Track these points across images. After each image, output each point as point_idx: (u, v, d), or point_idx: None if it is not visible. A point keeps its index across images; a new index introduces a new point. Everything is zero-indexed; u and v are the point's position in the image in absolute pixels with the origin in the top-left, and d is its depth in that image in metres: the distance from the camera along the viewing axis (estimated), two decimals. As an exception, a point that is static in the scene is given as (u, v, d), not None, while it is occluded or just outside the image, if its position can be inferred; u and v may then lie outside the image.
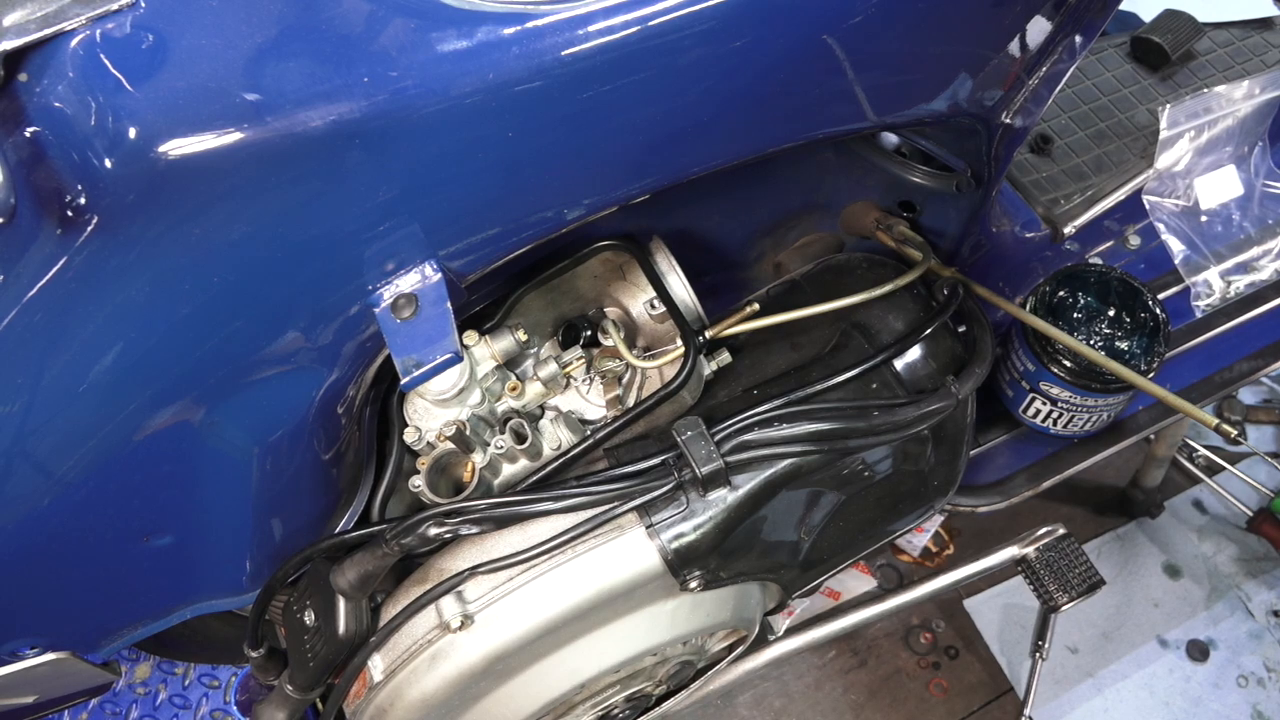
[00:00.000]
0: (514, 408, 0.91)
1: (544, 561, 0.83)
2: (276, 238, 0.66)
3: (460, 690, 0.85)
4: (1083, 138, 1.46)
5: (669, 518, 0.83)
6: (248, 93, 0.59)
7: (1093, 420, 1.28)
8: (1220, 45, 1.55)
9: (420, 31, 0.60)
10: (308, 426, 0.81)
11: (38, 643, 0.91)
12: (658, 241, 0.98)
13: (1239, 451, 2.11)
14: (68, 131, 0.59)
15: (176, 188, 0.61)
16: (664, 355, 0.93)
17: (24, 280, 0.64)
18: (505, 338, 0.88)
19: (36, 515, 0.75)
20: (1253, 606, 1.91)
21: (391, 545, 0.81)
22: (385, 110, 0.60)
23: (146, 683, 1.81)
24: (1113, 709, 1.79)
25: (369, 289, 0.70)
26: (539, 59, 0.61)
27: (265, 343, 0.72)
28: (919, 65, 0.81)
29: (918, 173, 1.08)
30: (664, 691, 1.11)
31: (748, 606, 0.99)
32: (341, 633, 0.85)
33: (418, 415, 0.89)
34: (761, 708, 1.79)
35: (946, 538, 1.98)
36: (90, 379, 0.69)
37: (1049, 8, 0.81)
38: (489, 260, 0.75)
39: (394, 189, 0.65)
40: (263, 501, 0.86)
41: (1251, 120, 1.44)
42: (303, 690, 0.91)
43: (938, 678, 1.83)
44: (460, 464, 0.88)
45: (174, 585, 0.91)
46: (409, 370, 0.70)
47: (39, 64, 0.60)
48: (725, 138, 0.76)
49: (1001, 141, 0.93)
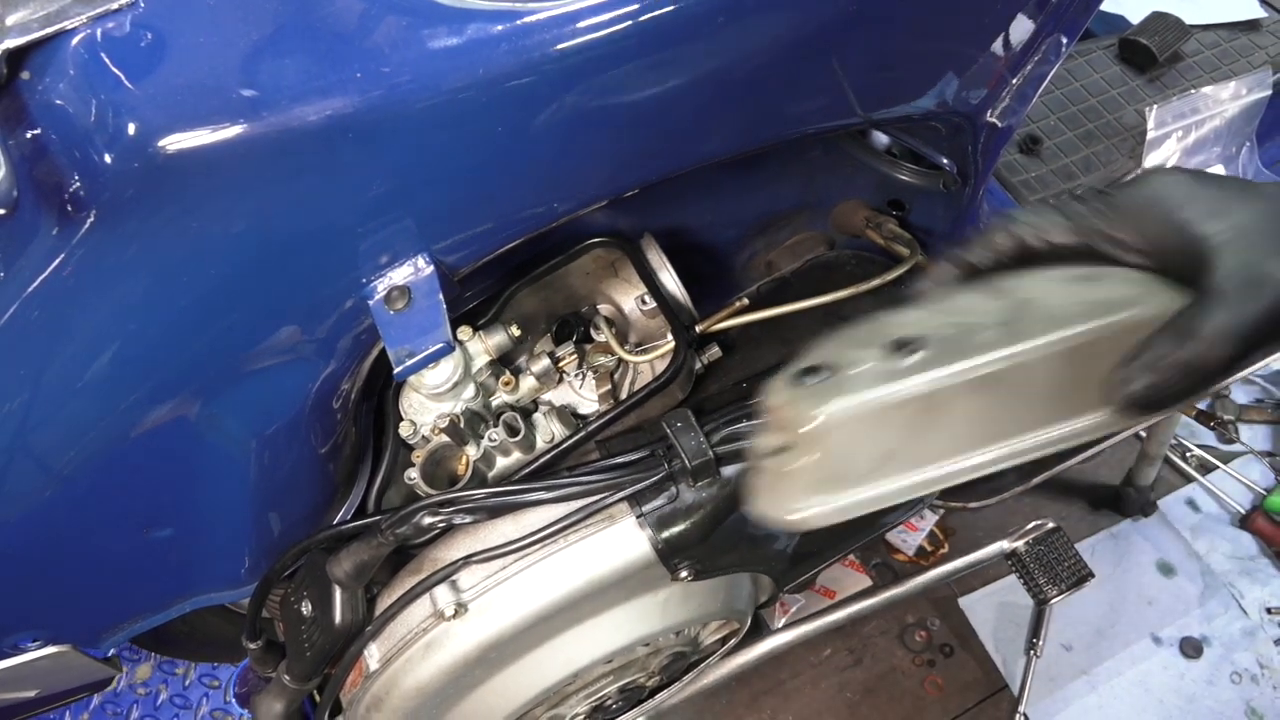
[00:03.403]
0: (507, 402, 0.92)
1: (537, 550, 0.84)
2: (273, 231, 0.67)
3: (455, 678, 0.86)
4: (1071, 138, 1.47)
5: (659, 507, 0.85)
6: (244, 89, 0.61)
7: (1082, 416, 1.30)
8: (1207, 47, 1.57)
9: (412, 29, 0.62)
10: (304, 420, 0.82)
11: (39, 636, 0.92)
12: (649, 239, 0.99)
13: (1232, 450, 2.12)
14: (69, 128, 0.61)
15: (175, 182, 0.62)
16: (655, 350, 0.94)
17: (25, 275, 0.66)
18: (499, 333, 0.89)
19: (37, 509, 0.77)
20: (1246, 604, 1.92)
21: (387, 535, 0.82)
22: (378, 105, 0.62)
23: (147, 683, 1.83)
24: (1107, 706, 1.80)
25: (363, 281, 0.72)
26: (528, 55, 0.63)
27: (262, 335, 0.74)
28: (905, 62, 0.83)
29: (906, 171, 1.10)
30: (657, 683, 1.12)
31: (739, 598, 1.01)
32: (338, 622, 0.86)
33: (413, 409, 0.91)
34: (757, 705, 1.80)
35: (941, 536, 1.99)
36: (90, 373, 0.71)
37: (1031, 6, 0.83)
38: (481, 253, 0.76)
39: (387, 183, 0.67)
40: (260, 494, 0.87)
41: (1239, 121, 1.46)
42: (300, 680, 0.92)
43: (933, 675, 1.84)
44: (455, 457, 0.90)
45: (174, 577, 0.92)
46: (402, 360, 0.72)
47: (41, 62, 0.62)
48: (714, 133, 0.78)
49: (987, 140, 0.95)
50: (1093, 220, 0.60)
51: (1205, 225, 0.57)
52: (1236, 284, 0.55)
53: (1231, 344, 0.53)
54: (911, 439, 0.57)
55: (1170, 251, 0.59)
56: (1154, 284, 0.57)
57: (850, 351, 0.58)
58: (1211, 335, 0.53)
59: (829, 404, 0.55)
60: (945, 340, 0.56)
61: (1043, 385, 0.56)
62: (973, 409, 0.57)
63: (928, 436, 0.57)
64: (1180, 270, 0.58)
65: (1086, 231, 0.60)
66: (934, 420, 0.57)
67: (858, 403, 0.55)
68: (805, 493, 0.58)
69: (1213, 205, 0.58)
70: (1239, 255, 0.56)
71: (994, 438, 0.58)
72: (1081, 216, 0.61)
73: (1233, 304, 0.54)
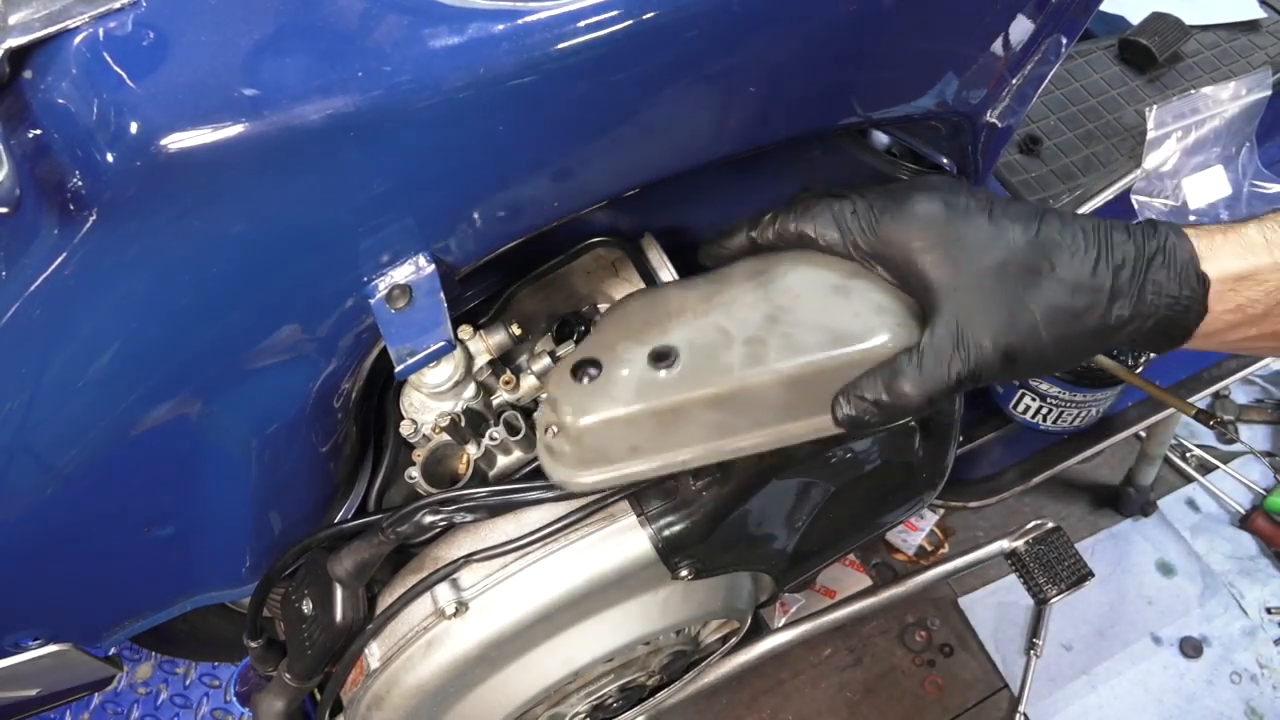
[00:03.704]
0: (508, 401, 0.92)
1: (537, 549, 0.84)
2: (274, 230, 0.67)
3: (456, 676, 0.87)
4: (1071, 139, 1.48)
5: (660, 506, 0.85)
6: (246, 88, 0.61)
7: (1082, 416, 1.30)
8: (1207, 47, 1.57)
9: (413, 28, 0.62)
10: (305, 419, 0.82)
11: (40, 634, 0.92)
12: (650, 238, 0.99)
13: (1231, 450, 2.13)
14: (71, 127, 0.61)
15: (176, 181, 0.62)
16: (656, 349, 0.94)
17: (26, 274, 0.66)
18: (499, 332, 0.89)
19: (38, 507, 0.77)
20: (1246, 604, 1.93)
21: (388, 533, 0.82)
22: (379, 104, 0.62)
23: (148, 682, 1.83)
24: (1106, 706, 1.81)
25: (364, 280, 0.72)
26: (529, 54, 0.63)
27: (263, 334, 0.74)
28: (906, 62, 0.83)
29: (906, 171, 1.09)
30: (658, 682, 1.12)
31: (740, 597, 1.01)
32: (339, 621, 0.86)
33: (413, 409, 0.91)
34: (757, 704, 1.80)
35: (941, 536, 1.99)
36: (91, 372, 0.71)
37: (1031, 7, 0.83)
38: (482, 252, 0.76)
39: (388, 182, 0.67)
40: (261, 493, 0.87)
41: (1239, 121, 1.46)
42: (301, 679, 0.93)
43: (933, 675, 1.84)
44: (455, 456, 0.90)
45: (174, 576, 0.92)
46: (403, 358, 0.72)
47: (43, 61, 0.62)
48: (714, 132, 0.78)
49: (987, 140, 0.95)
50: (858, 237, 0.70)
51: (938, 273, 0.65)
52: (939, 347, 0.63)
53: (919, 398, 0.64)
54: (656, 437, 0.71)
55: (914, 285, 0.67)
56: (893, 312, 0.68)
57: (621, 346, 0.73)
58: (906, 389, 0.63)
59: (590, 412, 0.70)
60: (697, 353, 0.70)
61: (772, 402, 0.69)
62: (710, 417, 0.70)
63: (669, 435, 0.71)
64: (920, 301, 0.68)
65: (853, 246, 0.70)
66: (676, 424, 0.70)
67: (611, 415, 0.70)
68: (573, 467, 0.74)
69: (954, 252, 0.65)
70: (953, 314, 0.63)
71: (725, 436, 0.72)
72: (851, 231, 0.70)
73: (931, 365, 0.63)
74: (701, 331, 0.71)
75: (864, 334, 0.67)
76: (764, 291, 0.72)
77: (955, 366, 0.62)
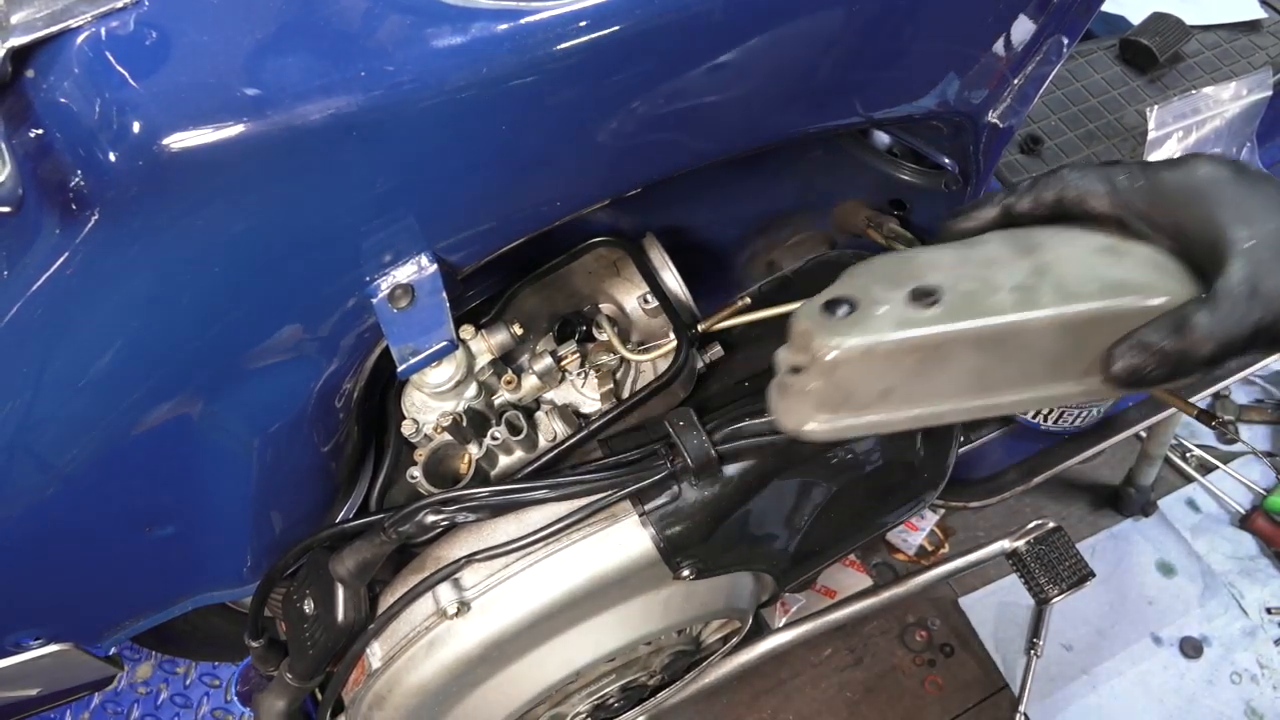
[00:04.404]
0: (510, 400, 0.92)
1: (539, 549, 0.84)
2: (276, 229, 0.67)
3: (457, 676, 0.86)
4: (1072, 139, 1.48)
5: (661, 506, 0.85)
6: (248, 88, 0.61)
7: (1083, 415, 1.30)
8: (1208, 47, 1.57)
9: (415, 27, 0.62)
10: (306, 418, 0.82)
11: (41, 634, 0.92)
12: (651, 238, 0.99)
13: (1232, 450, 2.13)
14: (73, 126, 0.61)
15: (179, 180, 0.62)
16: (657, 349, 0.94)
17: (28, 273, 0.66)
18: (501, 332, 0.89)
19: (39, 507, 0.77)
20: (1246, 604, 1.93)
21: (390, 533, 0.82)
22: (381, 104, 0.62)
23: (148, 682, 1.83)
24: (1106, 706, 1.81)
25: (366, 280, 0.72)
26: (531, 54, 0.63)
27: (264, 333, 0.74)
28: (907, 61, 0.83)
29: (907, 171, 1.10)
30: (659, 682, 1.12)
31: (741, 597, 1.01)
32: (340, 620, 0.86)
33: (415, 408, 0.91)
34: (757, 704, 1.80)
35: (941, 536, 1.99)
36: (93, 371, 0.71)
37: (1033, 7, 0.83)
38: (484, 252, 0.76)
39: (390, 181, 0.67)
40: (263, 493, 0.87)
41: (1239, 121, 1.46)
42: (302, 679, 0.93)
43: (933, 675, 1.84)
44: (457, 456, 0.90)
45: (176, 576, 0.92)
46: (405, 358, 0.72)
47: (45, 61, 0.62)
48: (716, 132, 0.78)
49: (989, 140, 0.95)
50: (1133, 197, 0.64)
51: (1233, 228, 0.61)
52: (1237, 293, 0.59)
53: (1213, 346, 0.58)
54: (911, 380, 0.63)
55: (1196, 243, 0.62)
56: (1171, 271, 0.62)
57: (876, 289, 0.64)
58: (1198, 336, 0.58)
59: (846, 339, 0.61)
60: (963, 295, 0.62)
61: (1042, 350, 0.62)
62: (972, 363, 0.62)
63: (926, 380, 0.64)
64: (1200, 261, 0.62)
65: (1125, 206, 0.64)
66: (935, 367, 0.63)
67: (871, 343, 0.61)
68: (812, 410, 0.65)
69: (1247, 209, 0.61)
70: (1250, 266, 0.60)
71: (987, 389, 0.64)
72: (1124, 191, 0.64)
73: (1227, 312, 0.59)
74: (965, 279, 0.63)
75: (1146, 287, 0.60)
76: (1025, 252, 0.65)
77: (1254, 314, 0.59)
